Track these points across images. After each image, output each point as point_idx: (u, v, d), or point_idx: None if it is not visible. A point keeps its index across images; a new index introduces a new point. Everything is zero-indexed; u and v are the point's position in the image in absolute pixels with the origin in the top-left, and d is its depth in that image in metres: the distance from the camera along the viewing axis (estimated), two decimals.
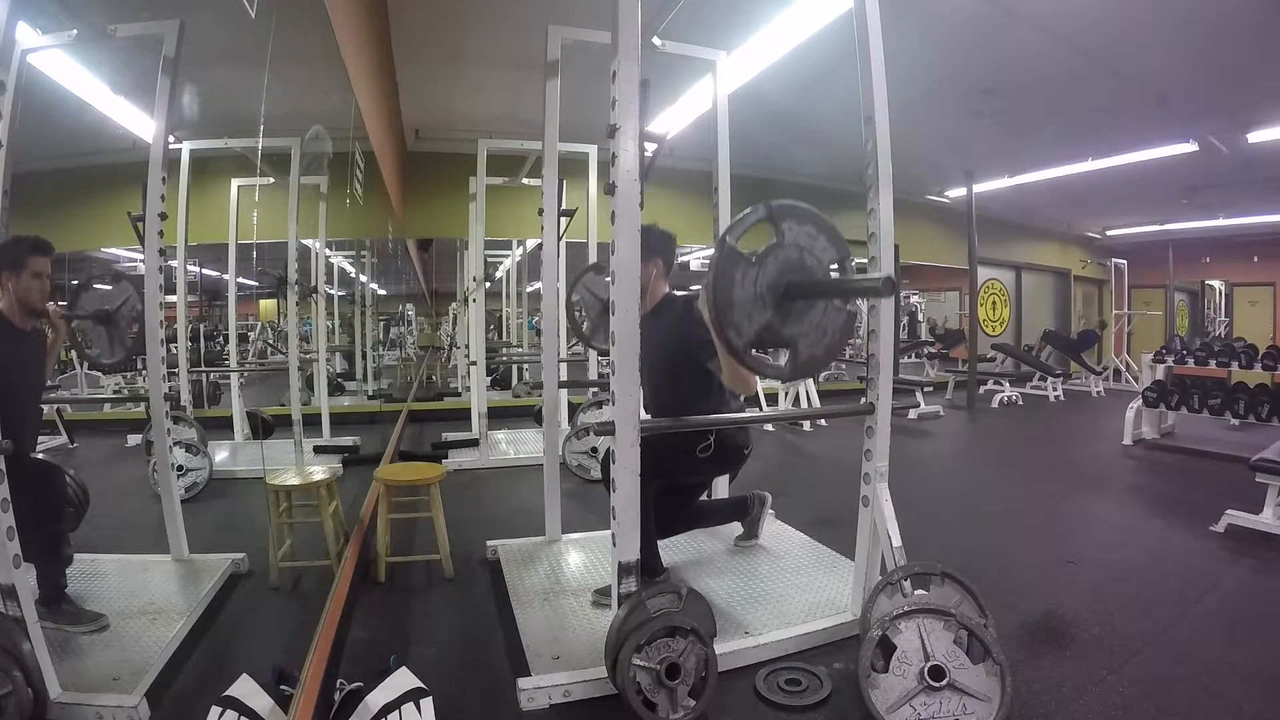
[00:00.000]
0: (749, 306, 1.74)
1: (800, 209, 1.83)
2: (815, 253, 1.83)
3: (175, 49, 2.27)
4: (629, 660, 1.69)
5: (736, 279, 1.72)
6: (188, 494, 2.90)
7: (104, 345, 2.26)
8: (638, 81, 1.78)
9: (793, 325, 1.81)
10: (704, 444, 2.30)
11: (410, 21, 4.08)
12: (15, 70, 1.66)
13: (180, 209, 2.94)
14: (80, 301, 2.23)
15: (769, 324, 1.77)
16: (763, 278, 1.75)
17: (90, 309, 2.23)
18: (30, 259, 1.84)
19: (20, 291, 1.84)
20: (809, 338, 1.84)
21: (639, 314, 1.80)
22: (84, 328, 2.23)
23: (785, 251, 1.79)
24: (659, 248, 2.34)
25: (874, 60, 2.05)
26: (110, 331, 2.25)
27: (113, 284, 2.30)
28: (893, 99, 2.05)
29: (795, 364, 1.86)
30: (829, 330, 1.87)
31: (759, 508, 2.91)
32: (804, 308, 1.82)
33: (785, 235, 1.79)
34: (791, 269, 1.79)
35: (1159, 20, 3.91)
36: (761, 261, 1.75)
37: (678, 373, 2.26)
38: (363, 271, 7.20)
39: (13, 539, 1.56)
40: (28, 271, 1.83)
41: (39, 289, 1.87)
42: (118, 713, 1.61)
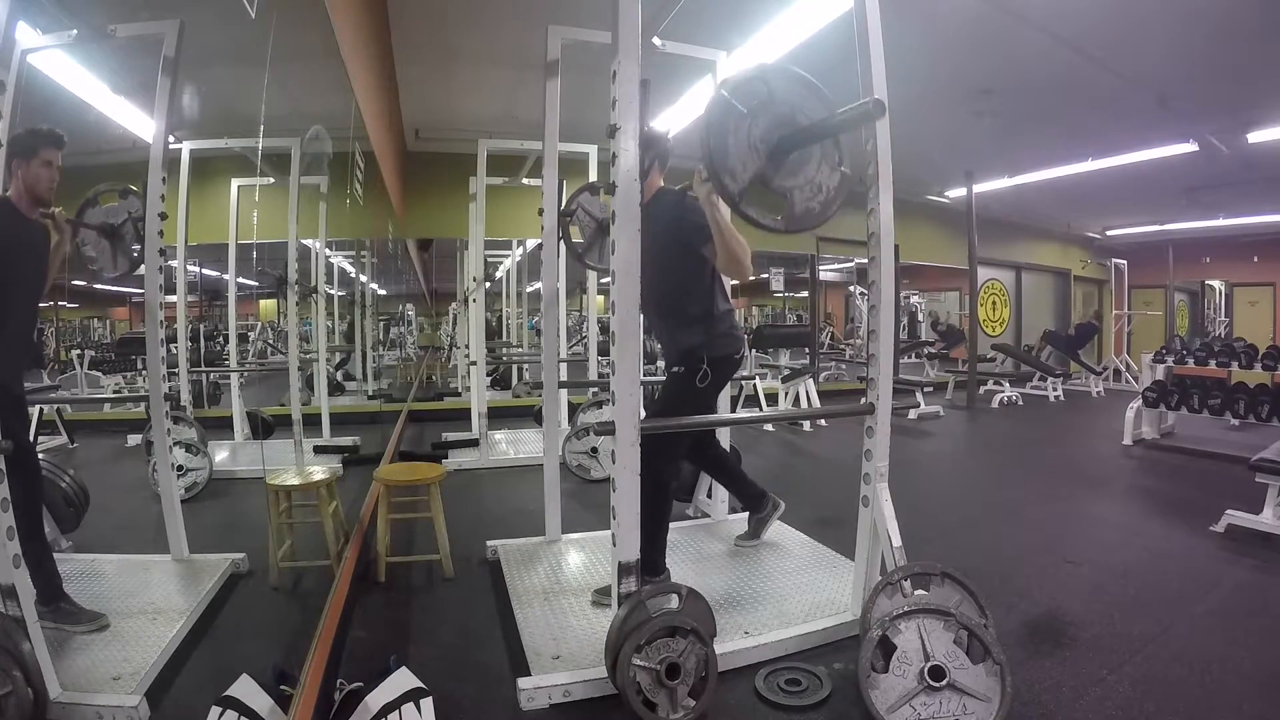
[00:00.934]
0: (742, 154, 1.79)
1: (791, 71, 1.91)
2: (806, 111, 1.88)
3: (175, 49, 2.27)
4: (629, 660, 1.69)
5: (730, 127, 1.78)
6: (188, 494, 2.90)
7: (107, 259, 2.26)
8: (638, 81, 1.78)
9: (786, 177, 1.86)
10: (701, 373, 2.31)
11: (410, 21, 4.08)
12: (15, 70, 1.66)
13: (180, 209, 2.94)
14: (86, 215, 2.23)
15: (762, 173, 1.82)
16: (755, 129, 1.81)
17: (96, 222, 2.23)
18: (41, 148, 1.83)
19: (29, 178, 1.84)
20: (803, 191, 1.89)
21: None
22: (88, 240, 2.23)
23: (776, 107, 1.84)
24: (654, 144, 2.36)
25: (874, 60, 2.05)
26: (114, 245, 2.24)
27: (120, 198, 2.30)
28: (893, 99, 2.04)
29: (790, 215, 1.89)
30: (823, 187, 1.92)
31: (772, 511, 2.92)
32: (798, 162, 1.88)
33: (776, 93, 1.84)
34: (784, 124, 1.84)
35: (1159, 20, 3.91)
36: (754, 114, 1.81)
37: (673, 261, 2.27)
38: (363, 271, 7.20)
39: (13, 539, 1.56)
40: (38, 159, 1.83)
41: (47, 177, 1.86)
42: (118, 713, 1.61)
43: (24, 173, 1.83)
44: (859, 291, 10.51)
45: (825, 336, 10.87)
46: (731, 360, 2.44)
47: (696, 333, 2.34)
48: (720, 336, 2.37)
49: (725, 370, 2.43)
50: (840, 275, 11.29)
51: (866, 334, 2.18)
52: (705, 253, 2.19)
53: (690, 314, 2.36)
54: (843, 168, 1.93)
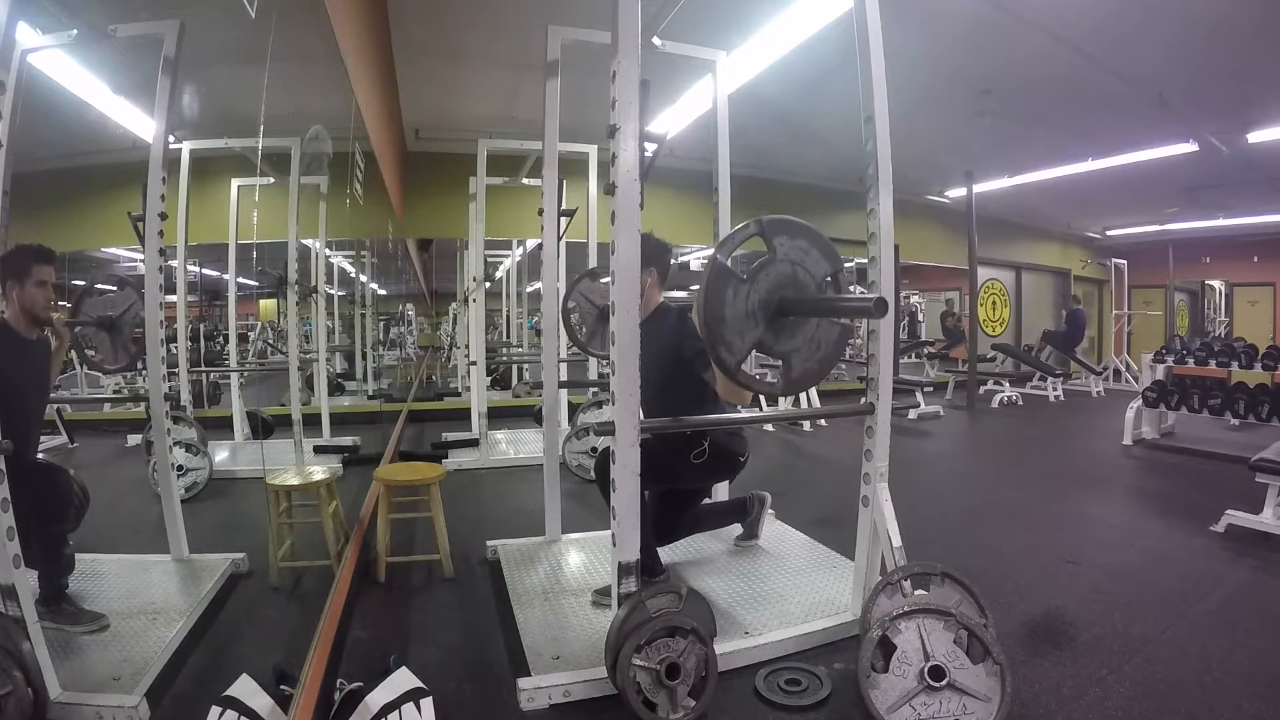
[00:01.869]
0: (741, 324, 1.75)
1: (793, 223, 1.83)
2: (808, 267, 1.83)
3: (175, 49, 2.27)
4: (629, 660, 1.69)
5: (728, 297, 1.72)
6: (188, 494, 2.90)
7: (107, 351, 2.27)
8: (638, 81, 1.78)
9: (785, 341, 1.82)
10: (699, 450, 2.30)
11: (410, 21, 4.08)
12: (15, 70, 1.66)
13: (180, 209, 2.94)
14: (84, 307, 2.23)
15: (761, 341, 1.77)
16: (754, 295, 1.76)
17: (94, 315, 2.23)
18: (34, 267, 1.83)
19: (25, 300, 1.84)
20: (802, 353, 1.85)
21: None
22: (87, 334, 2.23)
23: (777, 267, 1.79)
24: (655, 256, 2.34)
25: (874, 60, 2.05)
26: (113, 338, 2.25)
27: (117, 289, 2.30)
28: (893, 99, 2.05)
29: (788, 380, 1.86)
30: (822, 344, 1.87)
31: (759, 508, 2.91)
32: (797, 323, 1.83)
33: (778, 250, 1.79)
34: (784, 285, 1.79)
35: (1159, 20, 3.91)
36: (753, 278, 1.76)
37: (673, 382, 2.25)
38: (363, 271, 7.20)
39: (13, 539, 1.56)
40: (31, 280, 1.83)
41: (43, 297, 1.86)
42: (118, 713, 1.61)
43: (19, 295, 1.82)
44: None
45: None
46: (735, 458, 2.44)
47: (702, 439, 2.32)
48: (727, 437, 2.37)
49: (725, 464, 2.43)
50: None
51: (866, 334, 2.18)
52: (706, 378, 2.15)
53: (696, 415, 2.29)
54: (842, 320, 1.90)
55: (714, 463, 2.36)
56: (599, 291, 3.50)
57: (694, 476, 2.45)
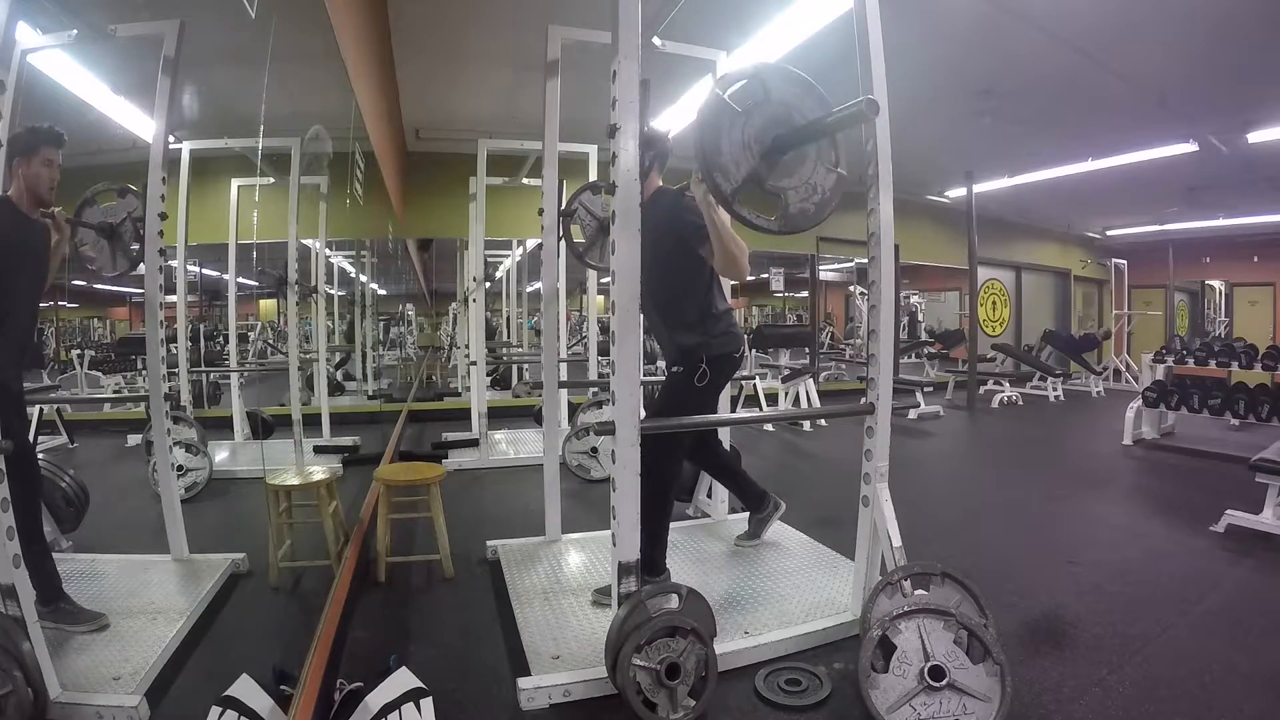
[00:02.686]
0: (736, 153, 1.78)
1: (788, 71, 1.88)
2: (802, 110, 1.86)
3: (175, 49, 2.27)
4: (629, 660, 1.69)
5: (724, 126, 1.77)
6: (188, 494, 2.90)
7: (106, 258, 2.26)
8: (638, 81, 1.78)
9: (781, 177, 1.84)
10: (700, 373, 2.31)
11: (410, 21, 4.08)
12: (15, 70, 1.65)
13: (180, 209, 2.93)
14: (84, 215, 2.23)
15: (756, 172, 1.80)
16: (749, 128, 1.79)
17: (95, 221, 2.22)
18: (41, 146, 1.83)
19: (29, 177, 1.84)
20: (798, 191, 1.87)
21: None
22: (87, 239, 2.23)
23: (772, 106, 1.82)
24: (655, 145, 2.36)
25: (874, 60, 2.05)
26: (113, 244, 2.24)
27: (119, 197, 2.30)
28: (892, 99, 2.04)
29: (785, 215, 1.87)
30: (818, 188, 1.90)
31: (772, 511, 2.92)
32: (793, 162, 1.86)
33: (772, 93, 1.83)
34: (779, 123, 1.82)
35: (1158, 20, 3.91)
36: (749, 113, 1.79)
37: (670, 261, 2.27)
38: (363, 271, 7.20)
39: (13, 539, 1.56)
40: (38, 158, 1.83)
41: (48, 176, 1.86)
42: (118, 712, 1.61)
43: (25, 171, 1.83)
44: (859, 291, 10.51)
45: (825, 336, 10.87)
46: (731, 359, 2.43)
47: (695, 332, 2.34)
48: (719, 335, 2.37)
49: (725, 369, 2.42)
50: (840, 275, 11.28)
51: (866, 334, 2.18)
52: (703, 253, 2.19)
53: (688, 314, 2.36)
54: (839, 169, 1.92)
55: (716, 377, 2.38)
56: (599, 204, 3.50)
57: (705, 397, 2.45)
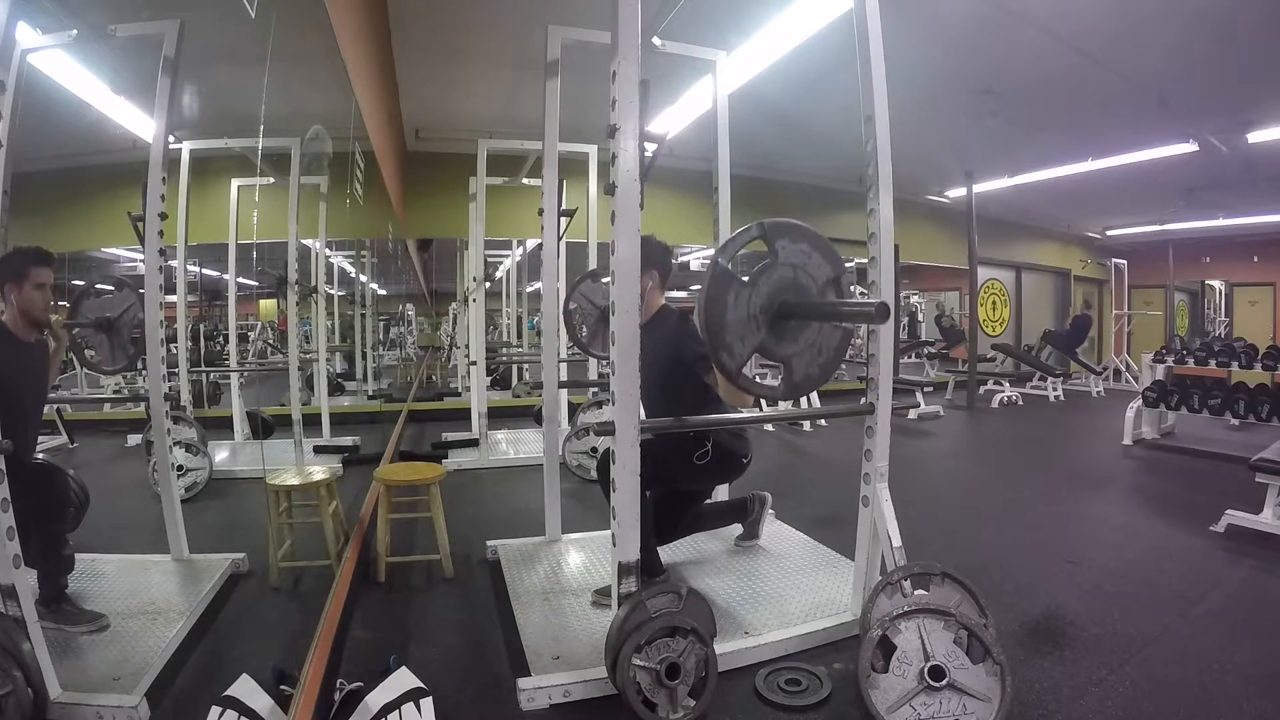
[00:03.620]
0: (741, 328, 1.74)
1: (795, 226, 1.83)
2: (810, 270, 1.82)
3: (175, 49, 2.27)
4: (629, 660, 1.69)
5: (729, 301, 1.71)
6: (188, 494, 2.90)
7: (105, 353, 2.27)
8: (638, 81, 1.78)
9: (787, 345, 1.81)
10: (701, 451, 2.29)
11: (410, 21, 4.08)
12: (15, 70, 1.66)
13: (180, 209, 2.94)
14: (82, 309, 2.23)
15: (762, 345, 1.77)
16: (755, 299, 1.75)
17: (92, 316, 2.22)
18: (32, 270, 1.83)
19: (23, 303, 1.84)
20: (803, 357, 1.84)
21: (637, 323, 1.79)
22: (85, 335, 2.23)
23: (779, 271, 1.78)
24: (656, 259, 2.34)
25: (874, 60, 2.05)
26: (112, 339, 2.25)
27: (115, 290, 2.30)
28: (893, 99, 2.05)
29: (790, 384, 1.85)
30: (824, 349, 1.87)
31: (759, 508, 2.91)
32: (798, 327, 1.82)
33: (779, 254, 1.79)
34: (786, 288, 1.78)
35: (1159, 20, 3.91)
36: (754, 282, 1.75)
37: (674, 385, 2.25)
38: (363, 271, 7.20)
39: (13, 539, 1.56)
40: (30, 283, 1.83)
41: (42, 300, 1.86)
42: (118, 713, 1.61)
43: (17, 298, 1.82)
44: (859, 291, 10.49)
45: None
46: (737, 459, 2.43)
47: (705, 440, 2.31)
48: (730, 438, 2.37)
49: (728, 466, 2.42)
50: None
51: (866, 334, 2.17)
52: (707, 381, 2.15)
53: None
54: (844, 325, 1.89)
55: (717, 464, 2.36)
56: (600, 292, 3.52)
57: (697, 477, 2.45)
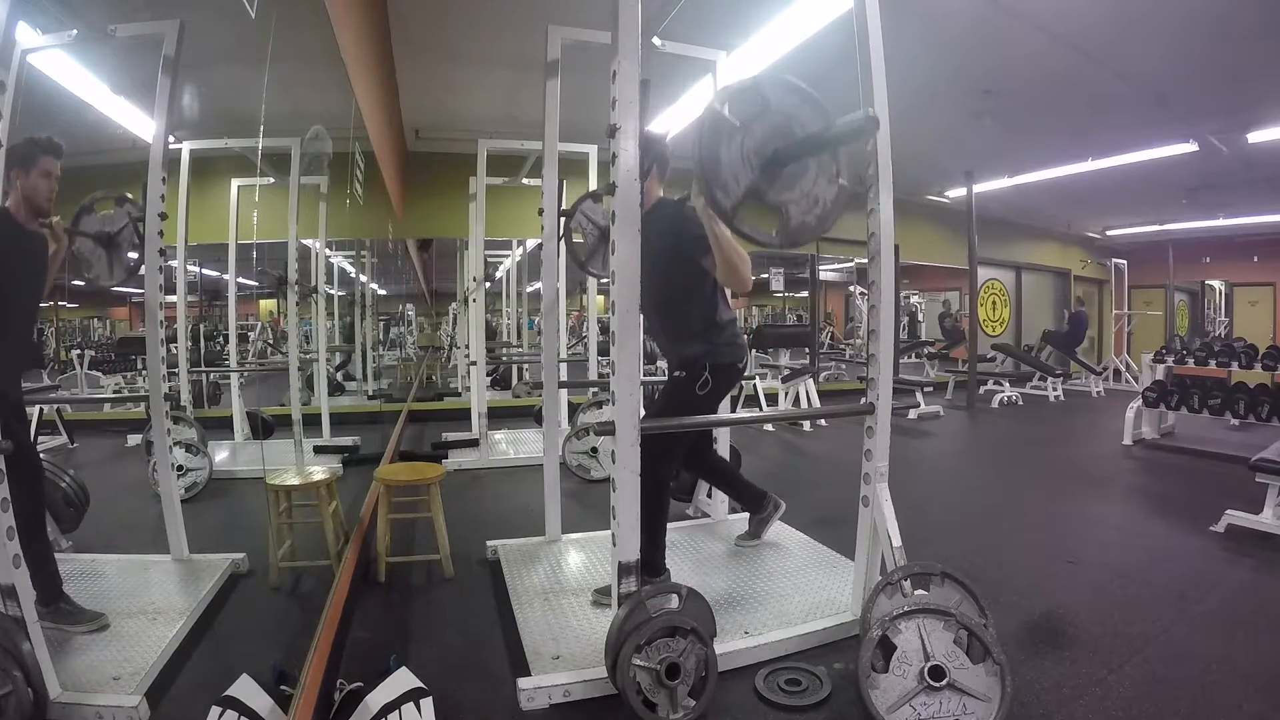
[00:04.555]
0: (735, 168, 1.76)
1: (788, 81, 1.86)
2: (802, 121, 1.84)
3: (175, 49, 2.27)
4: (629, 660, 1.69)
5: (723, 140, 1.74)
6: (188, 494, 2.90)
7: (103, 267, 2.27)
8: (638, 81, 1.78)
9: (781, 190, 1.82)
10: (702, 381, 2.31)
11: (410, 21, 4.08)
12: (15, 70, 1.66)
13: (180, 209, 2.94)
14: (81, 223, 2.23)
15: (756, 186, 1.78)
16: (749, 140, 1.77)
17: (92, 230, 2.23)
18: (40, 157, 1.84)
19: (28, 188, 1.84)
20: (799, 205, 1.85)
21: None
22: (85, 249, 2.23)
23: (771, 118, 1.80)
24: (657, 154, 2.35)
25: (874, 60, 2.05)
26: (110, 254, 2.25)
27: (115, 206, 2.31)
28: (893, 99, 2.04)
29: (786, 230, 1.86)
30: (820, 200, 1.88)
31: (772, 511, 2.92)
32: (794, 174, 1.83)
33: (772, 103, 1.81)
34: (779, 135, 1.80)
35: (1158, 20, 3.91)
36: (747, 126, 1.77)
37: (673, 272, 2.28)
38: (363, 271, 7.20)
39: (13, 539, 1.56)
40: (36, 169, 1.83)
41: (46, 188, 1.86)
42: (118, 713, 1.61)
43: (23, 183, 1.82)
44: (859, 291, 10.51)
45: (825, 336, 10.87)
46: (734, 369, 2.44)
47: (699, 342, 2.34)
48: (723, 345, 2.37)
49: (728, 378, 2.42)
50: (840, 275, 11.29)
51: (866, 334, 2.18)
52: (705, 264, 2.17)
53: (692, 324, 2.36)
54: (840, 180, 1.91)
55: (718, 385, 2.38)
56: (600, 212, 3.52)
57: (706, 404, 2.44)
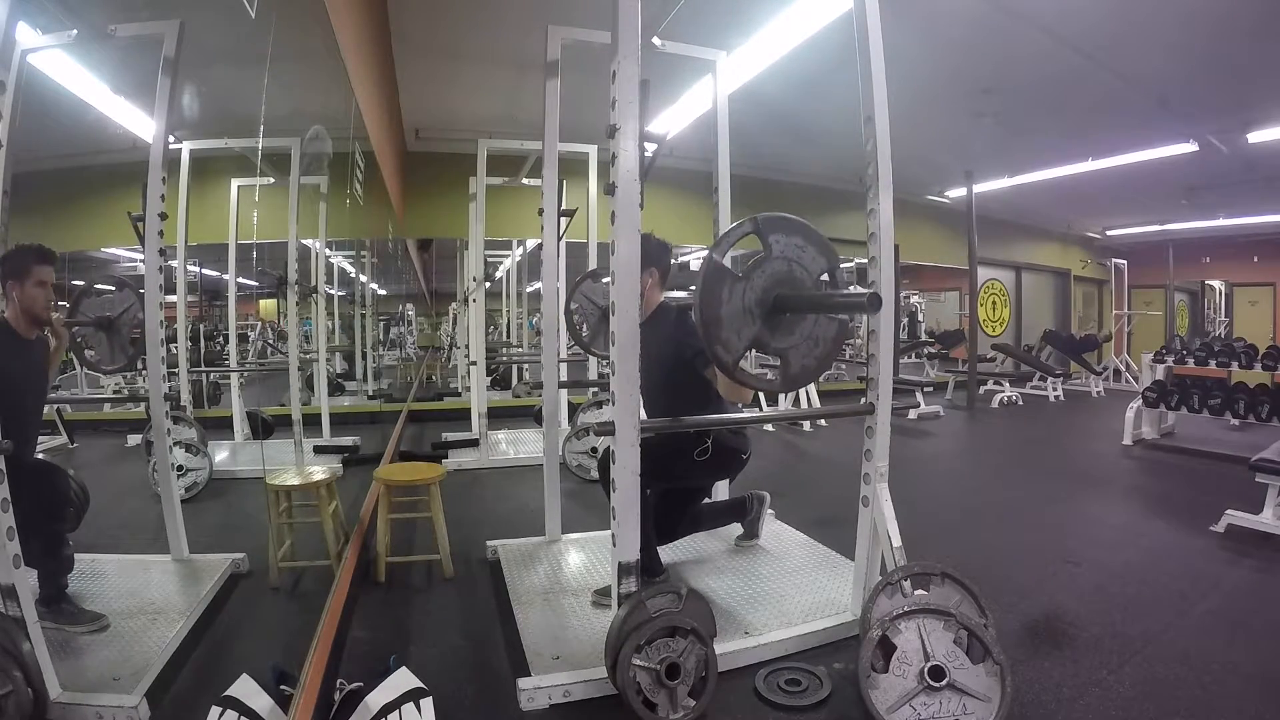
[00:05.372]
0: (738, 322, 1.75)
1: (788, 220, 1.84)
2: (804, 264, 1.84)
3: (175, 49, 2.26)
4: (629, 660, 1.69)
5: (724, 295, 1.73)
6: (188, 494, 2.90)
7: (105, 352, 2.27)
8: (638, 81, 1.78)
9: (782, 338, 1.82)
10: (701, 448, 2.29)
11: (410, 21, 4.08)
12: (15, 70, 1.66)
13: (180, 209, 2.94)
14: (82, 307, 2.23)
15: (758, 338, 1.78)
16: (750, 292, 1.76)
17: (92, 315, 2.23)
18: (34, 268, 1.84)
19: (25, 300, 1.85)
20: (800, 349, 1.85)
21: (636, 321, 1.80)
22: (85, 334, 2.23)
23: (773, 264, 1.80)
24: (655, 257, 2.34)
25: (874, 60, 2.05)
26: (111, 338, 2.25)
27: (116, 290, 2.30)
28: (893, 99, 2.05)
29: (787, 376, 1.86)
30: (820, 340, 1.88)
31: (758, 507, 2.91)
32: (794, 319, 1.83)
33: (773, 248, 1.80)
34: (780, 282, 1.80)
35: (1159, 20, 3.91)
36: (749, 276, 1.76)
37: (674, 382, 2.26)
38: (363, 271, 7.20)
39: (13, 539, 1.56)
40: (32, 280, 1.84)
41: (43, 297, 1.87)
42: (118, 713, 1.61)
43: (19, 295, 1.83)
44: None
45: None
46: (737, 456, 2.44)
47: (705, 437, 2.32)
48: (730, 435, 2.37)
49: (727, 461, 2.42)
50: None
51: (866, 334, 2.18)
52: (707, 376, 2.15)
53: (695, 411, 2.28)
54: (840, 315, 1.90)
55: (717, 461, 2.36)
56: (601, 292, 3.53)
57: (697, 475, 2.45)
